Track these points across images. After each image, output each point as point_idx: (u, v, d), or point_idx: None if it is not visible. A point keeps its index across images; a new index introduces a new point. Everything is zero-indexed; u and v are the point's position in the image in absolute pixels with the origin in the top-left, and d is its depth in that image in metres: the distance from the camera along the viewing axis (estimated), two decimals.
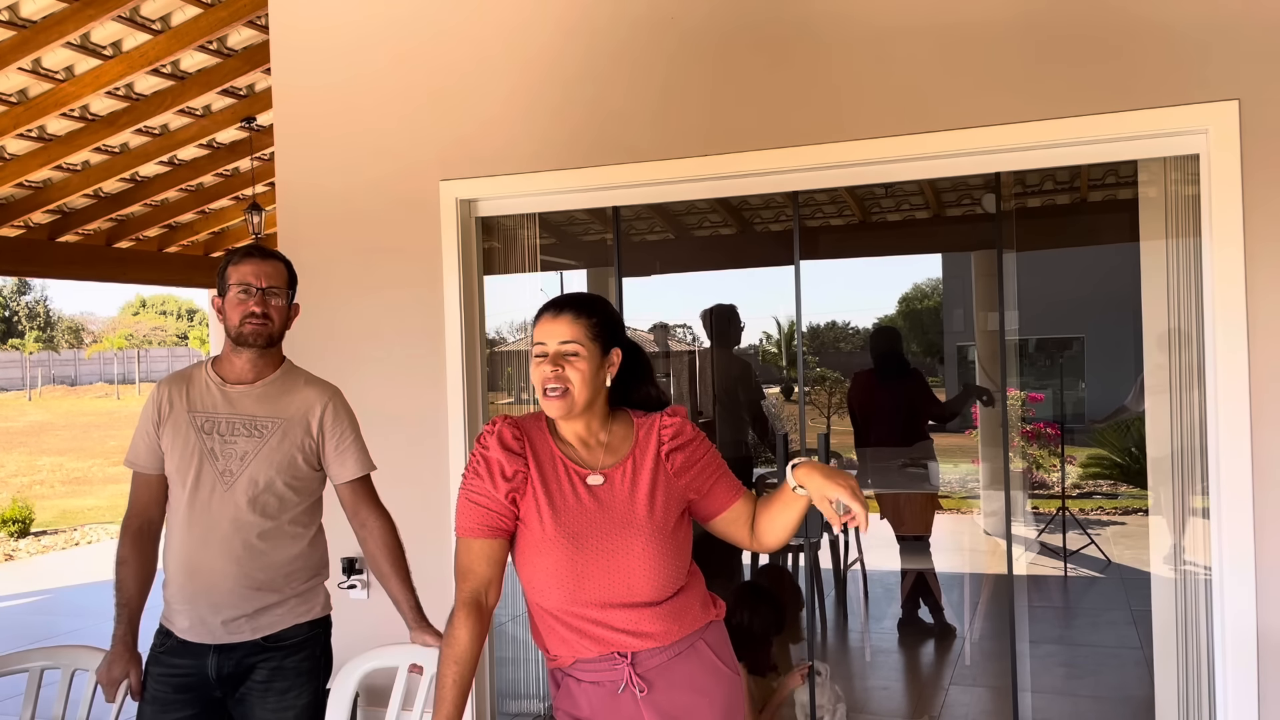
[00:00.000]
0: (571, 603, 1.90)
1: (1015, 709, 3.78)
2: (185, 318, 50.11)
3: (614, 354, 1.96)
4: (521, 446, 1.95)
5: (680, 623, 1.95)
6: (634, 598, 1.90)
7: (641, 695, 1.91)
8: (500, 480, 1.92)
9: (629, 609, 1.90)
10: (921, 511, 5.73)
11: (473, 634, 1.90)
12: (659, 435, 1.99)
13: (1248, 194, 3.11)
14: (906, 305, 13.69)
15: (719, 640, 2.03)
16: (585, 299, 1.99)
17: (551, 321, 1.94)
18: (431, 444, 4.04)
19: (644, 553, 1.89)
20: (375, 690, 2.91)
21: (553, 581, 1.90)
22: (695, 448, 2.01)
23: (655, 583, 1.90)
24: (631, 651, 1.91)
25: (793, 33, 3.59)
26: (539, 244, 4.28)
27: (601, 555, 1.89)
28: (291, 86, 4.28)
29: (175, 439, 2.44)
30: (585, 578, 1.88)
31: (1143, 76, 3.21)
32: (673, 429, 2.00)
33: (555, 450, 1.97)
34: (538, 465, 1.95)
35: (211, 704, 2.44)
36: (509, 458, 1.93)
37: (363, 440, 2.58)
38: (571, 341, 1.91)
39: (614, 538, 1.90)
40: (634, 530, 1.90)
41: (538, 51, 3.91)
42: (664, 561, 1.91)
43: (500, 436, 1.95)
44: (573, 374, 1.91)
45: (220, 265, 2.52)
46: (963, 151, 3.43)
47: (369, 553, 2.56)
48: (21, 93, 6.09)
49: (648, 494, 1.94)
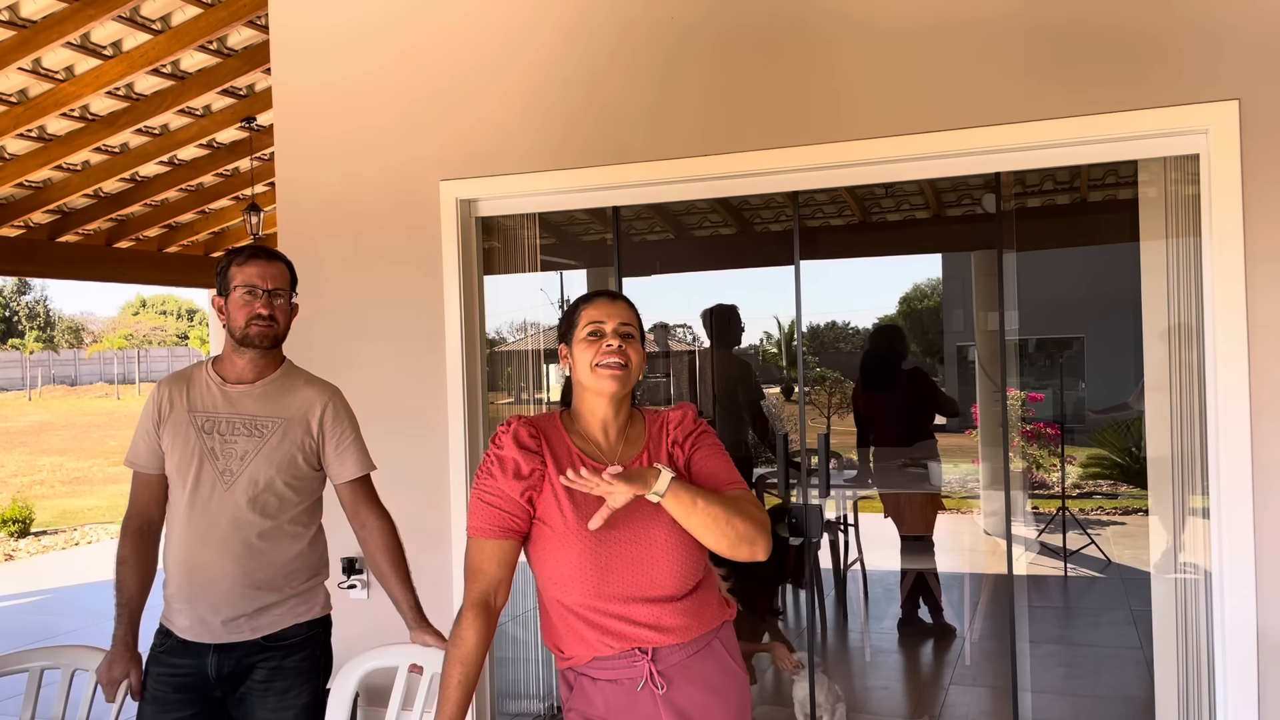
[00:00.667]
0: (595, 597, 1.90)
1: (1015, 709, 3.78)
2: (185, 318, 50.12)
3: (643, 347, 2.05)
4: (538, 445, 1.96)
5: (699, 619, 1.96)
6: (657, 591, 1.91)
7: (661, 693, 1.91)
8: (515, 479, 1.92)
9: (652, 603, 1.91)
10: (923, 511, 5.73)
11: (480, 635, 1.90)
12: (667, 427, 2.05)
13: (1248, 194, 3.11)
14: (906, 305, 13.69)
15: (731, 640, 2.05)
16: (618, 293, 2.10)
17: (610, 304, 2.02)
18: (431, 444, 4.03)
19: (666, 542, 1.91)
20: (375, 690, 2.91)
21: (576, 575, 1.90)
22: (700, 435, 2.06)
23: (678, 573, 1.92)
24: (652, 648, 1.92)
25: (792, 32, 3.59)
26: (539, 244, 4.28)
27: (625, 547, 1.90)
28: (291, 86, 4.28)
29: (175, 439, 2.44)
30: (609, 570, 1.89)
31: (1143, 76, 3.21)
32: (678, 418, 2.07)
33: (572, 447, 1.99)
34: (555, 462, 1.96)
35: (211, 704, 2.44)
36: (525, 456, 1.93)
37: (363, 440, 2.59)
38: (629, 324, 2.00)
39: (636, 529, 1.91)
40: (655, 520, 1.91)
41: (538, 51, 3.91)
42: (685, 551, 1.92)
43: (516, 435, 1.96)
44: (633, 354, 1.99)
45: (221, 264, 2.51)
46: (963, 151, 3.43)
47: (369, 553, 2.56)
48: (21, 93, 6.09)
49: None
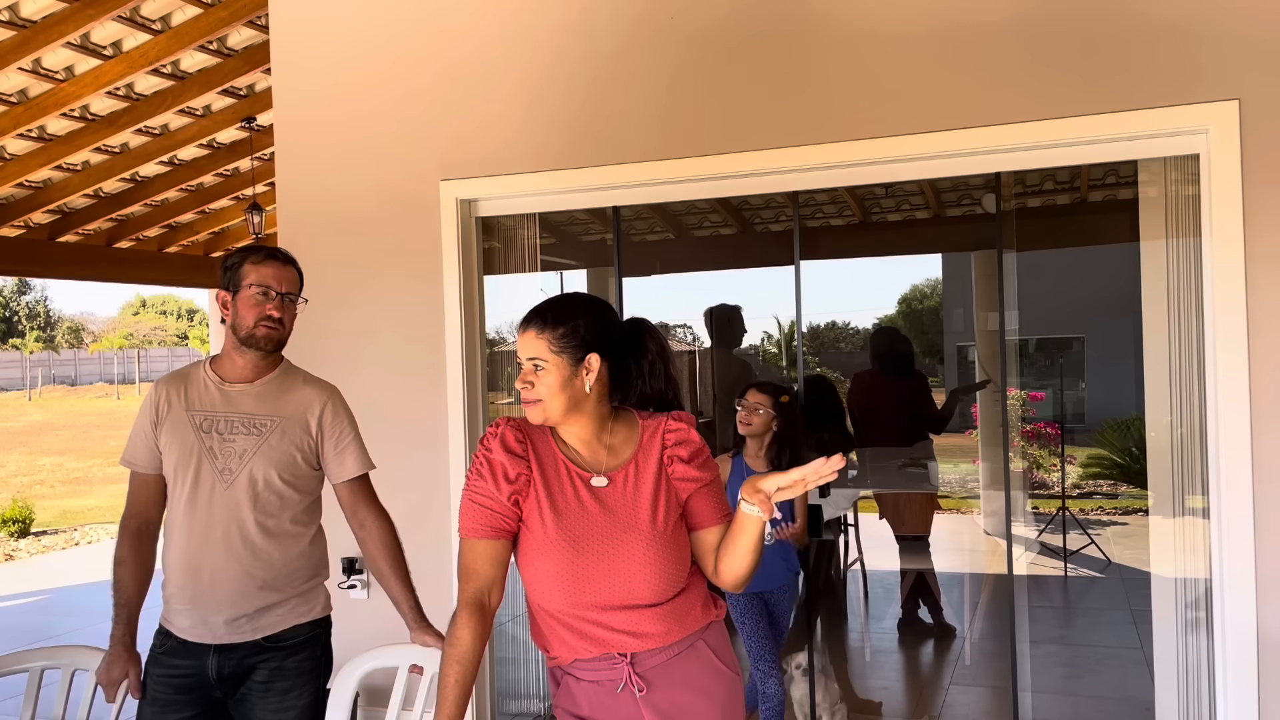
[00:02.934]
0: (572, 605, 1.91)
1: (1015, 709, 3.77)
2: (185, 318, 50.10)
3: (590, 360, 1.93)
4: (524, 449, 1.95)
5: (681, 623, 1.95)
6: (634, 600, 1.90)
7: (640, 694, 1.91)
8: (503, 482, 1.92)
9: (629, 610, 1.90)
10: (921, 511, 5.73)
11: (475, 634, 1.90)
12: (663, 439, 1.98)
13: (1248, 194, 3.11)
14: (906, 305, 13.68)
15: (719, 640, 2.03)
16: (555, 307, 1.96)
17: (521, 336, 1.95)
18: (431, 444, 4.03)
19: (645, 556, 1.90)
20: (376, 690, 2.91)
21: (554, 584, 1.90)
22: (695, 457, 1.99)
23: (655, 586, 1.90)
24: (631, 652, 1.92)
25: (793, 32, 3.59)
26: (539, 244, 4.28)
27: (602, 559, 1.89)
28: (292, 86, 4.28)
29: (173, 438, 2.44)
30: (586, 580, 1.89)
31: (1143, 76, 3.21)
32: (677, 434, 1.99)
33: (558, 453, 1.97)
34: (540, 467, 1.95)
35: (212, 704, 2.44)
36: (511, 460, 1.93)
37: (361, 439, 2.58)
38: (534, 357, 1.93)
39: (615, 542, 1.90)
40: (636, 534, 1.90)
41: (538, 51, 3.90)
42: (665, 565, 1.91)
43: (503, 439, 1.95)
44: (540, 387, 1.92)
45: (231, 260, 2.48)
46: (963, 151, 3.43)
47: (368, 553, 2.56)
48: (21, 93, 6.09)
49: (650, 497, 1.94)
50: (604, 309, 2.00)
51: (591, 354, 1.93)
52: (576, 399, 1.93)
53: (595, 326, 1.95)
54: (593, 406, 1.96)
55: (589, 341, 1.93)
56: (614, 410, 2.02)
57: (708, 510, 1.99)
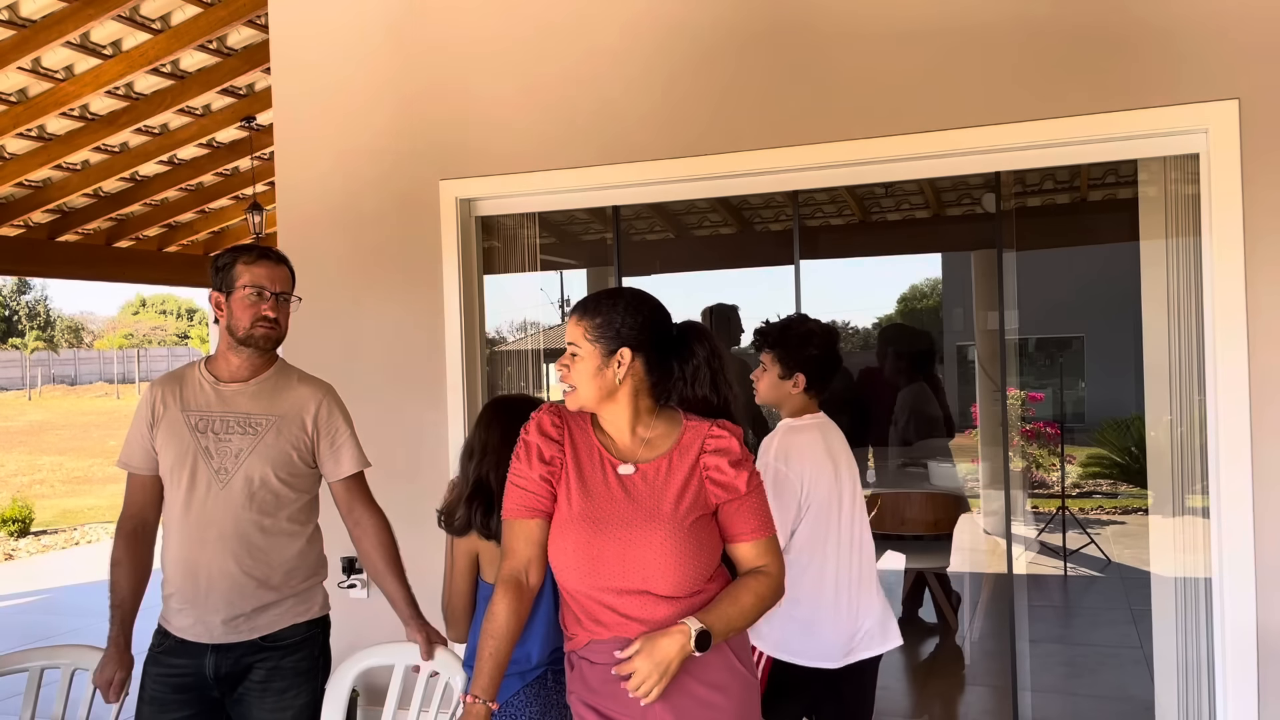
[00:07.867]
0: (589, 585, 1.95)
1: (1015, 708, 3.78)
2: (185, 317, 50.12)
3: (621, 354, 1.97)
4: (560, 434, 2.03)
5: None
6: (649, 587, 1.92)
7: None
8: (537, 462, 2.00)
9: (643, 597, 1.92)
10: (921, 512, 5.72)
11: (511, 611, 1.96)
12: (703, 443, 2.00)
13: (1248, 193, 3.11)
14: (906, 305, 13.67)
15: (740, 644, 2.04)
16: (598, 298, 2.04)
17: (568, 321, 2.04)
18: (431, 443, 4.03)
19: (663, 546, 1.92)
20: (376, 690, 2.91)
21: (570, 561, 1.96)
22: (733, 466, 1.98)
23: (671, 578, 1.92)
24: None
25: (793, 32, 3.59)
26: (539, 243, 4.28)
27: (618, 543, 1.93)
28: (291, 86, 4.28)
29: (169, 439, 2.44)
30: (600, 561, 1.93)
31: (1143, 76, 3.21)
32: (718, 441, 1.99)
33: (594, 440, 2.04)
34: (575, 452, 2.02)
35: (210, 704, 2.44)
36: (546, 443, 2.01)
37: (357, 437, 2.58)
38: (571, 343, 2.02)
39: (634, 528, 1.93)
40: (656, 523, 1.94)
41: (537, 51, 3.90)
42: (683, 558, 1.92)
43: (539, 424, 2.04)
44: (575, 373, 2.01)
45: (222, 260, 2.48)
46: (962, 151, 3.43)
47: (363, 551, 2.56)
48: (21, 92, 6.08)
49: (677, 492, 1.96)
50: (651, 308, 2.05)
51: (624, 348, 1.98)
52: (609, 389, 1.99)
53: (633, 322, 2.00)
54: (627, 398, 2.01)
55: (624, 335, 1.99)
56: (659, 407, 2.06)
57: (739, 523, 1.99)
